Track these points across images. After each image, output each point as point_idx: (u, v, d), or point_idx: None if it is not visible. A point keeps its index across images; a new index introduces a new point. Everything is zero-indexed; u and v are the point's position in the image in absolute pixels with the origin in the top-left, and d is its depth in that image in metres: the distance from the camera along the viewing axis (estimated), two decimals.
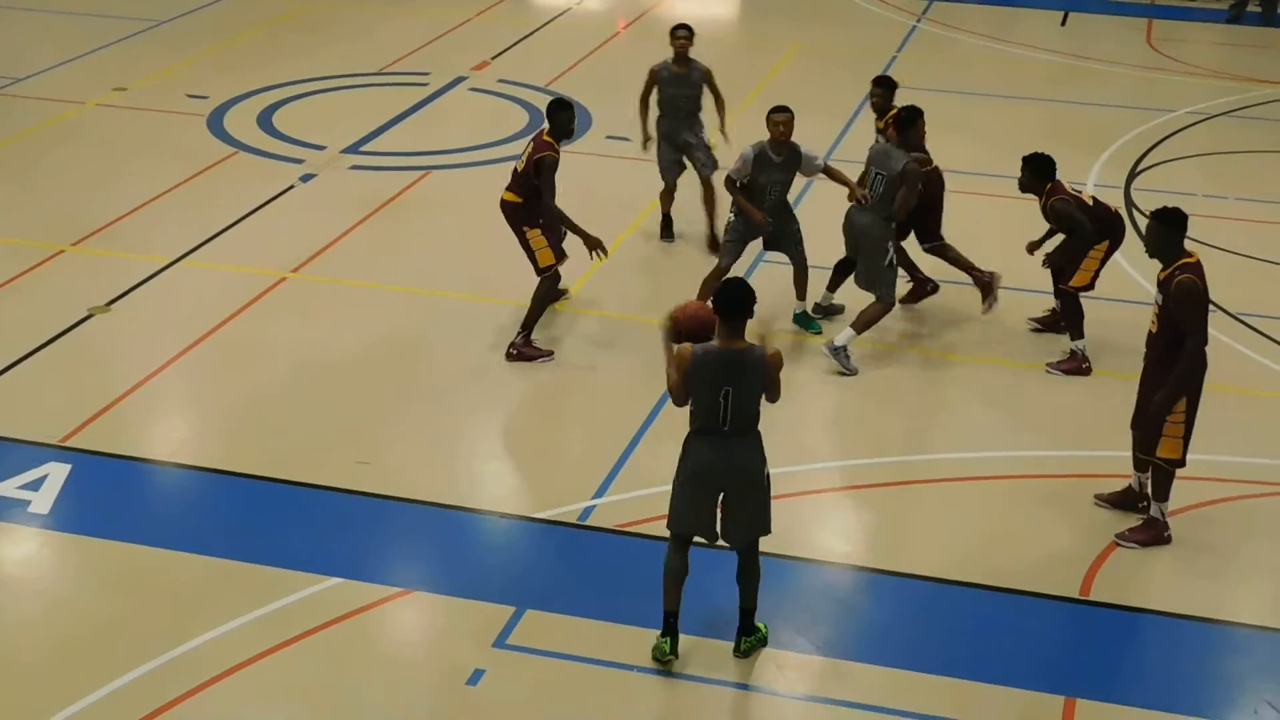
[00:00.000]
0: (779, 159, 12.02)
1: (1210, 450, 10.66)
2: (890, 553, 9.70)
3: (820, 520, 10.11)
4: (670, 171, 14.11)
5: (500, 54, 19.88)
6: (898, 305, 12.38)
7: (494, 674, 8.45)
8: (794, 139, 12.10)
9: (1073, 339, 12.09)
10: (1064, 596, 9.28)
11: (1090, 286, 12.05)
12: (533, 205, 11.81)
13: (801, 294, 12.55)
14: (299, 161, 15.88)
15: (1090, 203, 11.99)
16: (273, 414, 11.12)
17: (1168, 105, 18.51)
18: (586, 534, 9.78)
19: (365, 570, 9.30)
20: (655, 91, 13.90)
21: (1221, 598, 9.40)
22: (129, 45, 19.89)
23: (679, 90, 13.87)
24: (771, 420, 8.52)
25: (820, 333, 12.37)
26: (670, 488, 8.49)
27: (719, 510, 8.45)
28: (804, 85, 18.92)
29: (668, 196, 14.26)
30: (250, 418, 11.08)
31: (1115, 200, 15.37)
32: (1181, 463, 9.63)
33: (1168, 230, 9.39)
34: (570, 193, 14.59)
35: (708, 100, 14.02)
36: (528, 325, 11.92)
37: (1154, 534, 9.81)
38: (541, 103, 17.87)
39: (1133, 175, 16.05)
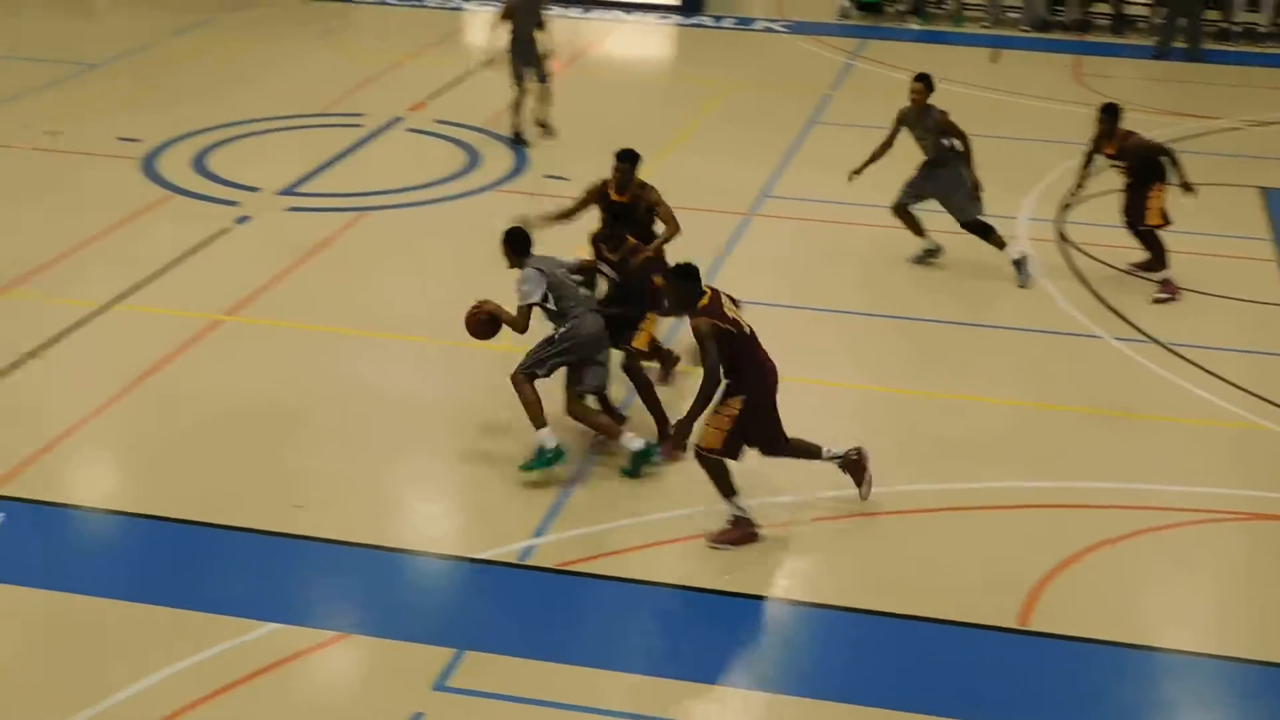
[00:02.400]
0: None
1: (1144, 479, 10.76)
2: (831, 587, 9.72)
3: (766, 558, 10.11)
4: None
5: (436, 94, 19.86)
6: None
7: (434, 718, 8.38)
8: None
9: (1163, 269, 14.17)
10: (1000, 626, 9.31)
11: (1167, 221, 14.12)
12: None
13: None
14: (234, 204, 15.81)
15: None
16: (207, 458, 11.02)
17: None
18: (527, 573, 9.73)
19: (300, 615, 9.20)
20: None
21: (1158, 625, 9.46)
22: (61, 88, 19.77)
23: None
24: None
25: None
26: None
27: None
28: (738, 124, 19.03)
29: None
30: (184, 462, 10.97)
31: (1048, 234, 15.53)
32: (721, 452, 9.86)
33: (681, 283, 9.83)
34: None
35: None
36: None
37: (741, 533, 10.03)
38: (479, 142, 17.94)
39: (1064, 209, 16.19)
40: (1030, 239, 15.32)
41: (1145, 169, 14.04)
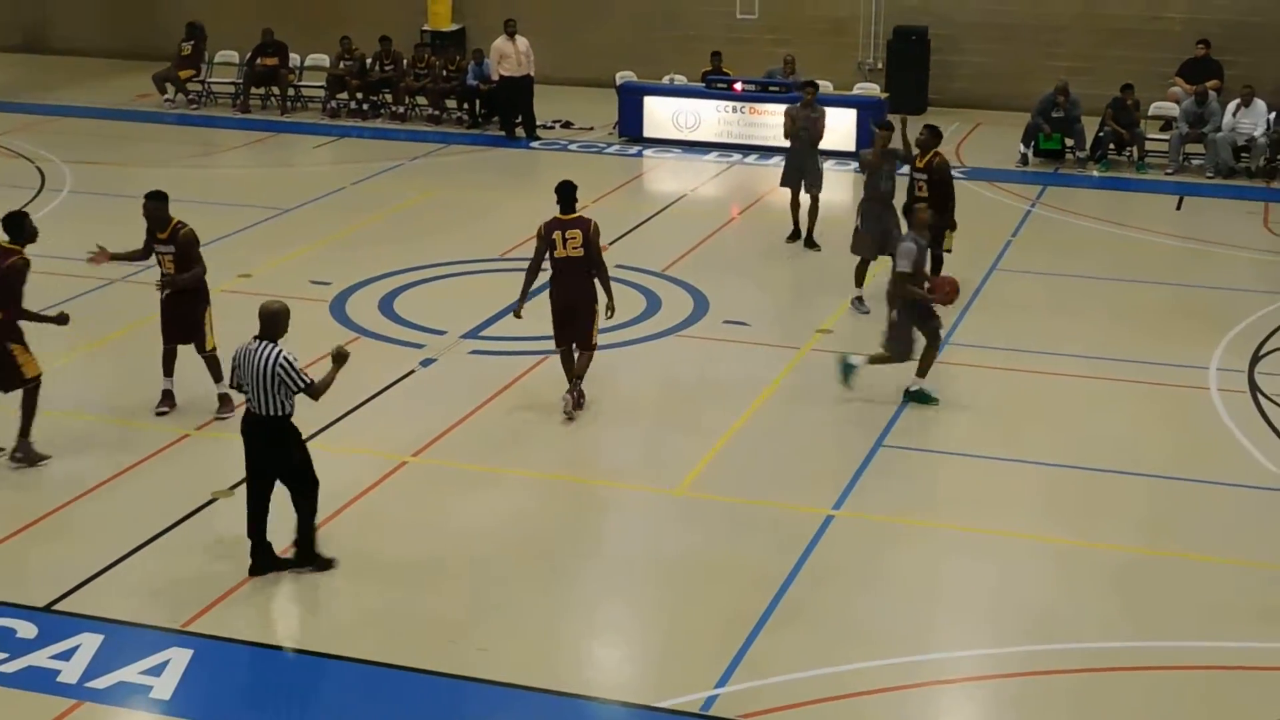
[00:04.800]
0: None
1: None
2: None
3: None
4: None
5: (616, 240, 20.07)
6: None
7: None
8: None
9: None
10: None
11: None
12: None
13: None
14: (419, 346, 16.08)
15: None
16: (392, 599, 11.11)
17: None
18: None
19: None
20: None
21: None
22: (255, 232, 20.36)
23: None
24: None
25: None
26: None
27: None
28: None
29: None
30: (369, 603, 11.08)
31: (1240, 384, 15.16)
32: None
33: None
34: (683, 377, 14.69)
35: None
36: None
37: None
38: (658, 287, 18.07)
39: (1256, 358, 15.83)
40: (1220, 390, 14.99)
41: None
